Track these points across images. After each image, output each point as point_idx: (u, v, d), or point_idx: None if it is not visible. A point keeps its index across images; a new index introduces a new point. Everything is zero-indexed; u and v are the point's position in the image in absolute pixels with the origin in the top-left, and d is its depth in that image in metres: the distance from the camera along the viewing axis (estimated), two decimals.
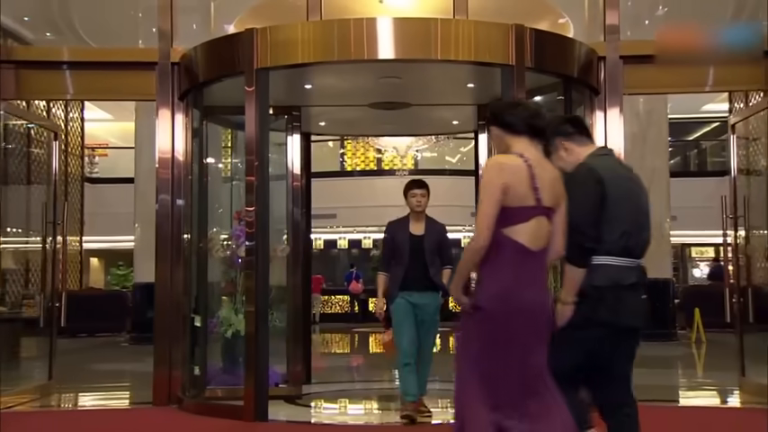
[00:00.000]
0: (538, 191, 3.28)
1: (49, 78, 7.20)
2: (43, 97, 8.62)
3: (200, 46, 6.83)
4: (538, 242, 3.30)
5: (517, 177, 3.28)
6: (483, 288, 3.31)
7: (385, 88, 7.06)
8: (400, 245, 6.47)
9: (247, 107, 6.29)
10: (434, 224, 6.58)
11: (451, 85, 7.09)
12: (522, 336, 3.26)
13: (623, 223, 3.67)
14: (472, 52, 6.37)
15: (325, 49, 6.35)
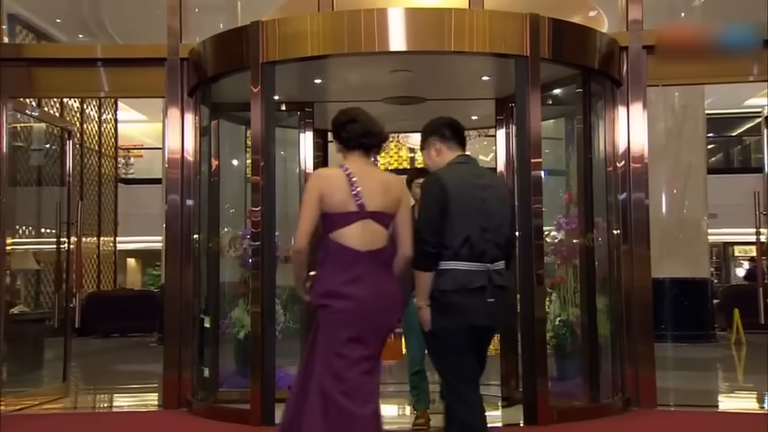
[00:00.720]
0: (358, 197, 3.60)
1: (58, 76, 7.08)
2: (52, 95, 8.51)
3: (208, 40, 6.67)
4: (366, 244, 3.62)
5: (333, 186, 3.63)
6: (314, 287, 3.67)
7: (398, 83, 6.85)
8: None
9: (253, 103, 6.12)
10: None
11: (466, 78, 6.86)
12: (346, 331, 3.57)
13: (466, 229, 3.84)
14: (486, 43, 6.13)
15: (334, 41, 6.13)
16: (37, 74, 7.09)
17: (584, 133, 6.61)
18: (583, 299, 6.55)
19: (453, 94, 7.24)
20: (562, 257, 6.81)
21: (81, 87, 7.25)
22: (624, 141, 6.95)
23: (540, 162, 6.11)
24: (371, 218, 3.64)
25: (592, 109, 6.77)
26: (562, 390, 6.63)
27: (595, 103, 6.85)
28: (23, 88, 7.17)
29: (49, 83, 7.16)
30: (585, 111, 6.61)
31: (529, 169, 6.07)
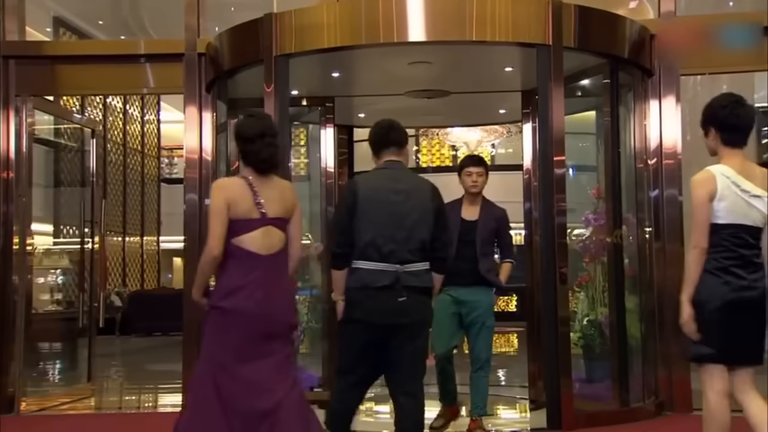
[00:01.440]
0: (260, 205, 3.81)
1: (76, 73, 7.01)
2: (71, 93, 8.48)
3: (223, 33, 6.52)
4: (266, 248, 3.81)
5: (237, 195, 3.80)
6: (215, 290, 3.84)
7: (420, 75, 6.64)
8: (449, 231, 5.25)
9: (266, 98, 5.94)
10: (492, 209, 5.66)
11: (488, 69, 6.62)
12: (237, 332, 3.73)
13: (371, 231, 4.05)
14: (508, 32, 5.91)
15: (352, 31, 5.94)
16: (55, 71, 7.05)
17: (611, 126, 6.34)
18: (611, 297, 6.27)
19: (477, 86, 7.02)
20: (590, 255, 6.55)
21: (98, 84, 7.16)
22: (656, 135, 6.63)
23: (563, 159, 5.85)
24: (272, 224, 3.87)
25: (620, 101, 6.49)
26: (591, 392, 6.38)
27: (624, 95, 6.57)
28: (42, 86, 7.13)
29: (68, 80, 7.10)
30: (613, 102, 6.34)
31: (551, 166, 5.81)
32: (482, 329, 5.54)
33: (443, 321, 5.46)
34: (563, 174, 5.85)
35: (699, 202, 3.73)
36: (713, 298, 3.70)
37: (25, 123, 6.92)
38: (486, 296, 5.58)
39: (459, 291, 5.48)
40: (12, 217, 6.86)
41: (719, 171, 3.75)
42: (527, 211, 7.20)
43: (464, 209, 5.64)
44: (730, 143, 3.82)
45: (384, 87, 6.95)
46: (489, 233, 5.58)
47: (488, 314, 5.57)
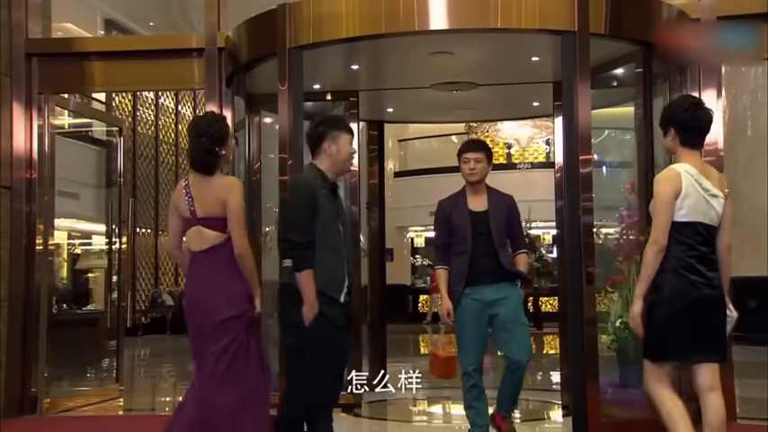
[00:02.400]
0: (191, 205, 4.16)
1: (100, 70, 6.92)
2: (94, 90, 8.42)
3: (241, 25, 6.33)
4: (199, 245, 4.16)
5: (177, 196, 4.24)
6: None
7: (446, 67, 6.41)
8: (459, 227, 5.08)
9: (279, 93, 5.73)
10: (499, 196, 5.21)
11: (513, 58, 6.32)
12: (189, 325, 4.19)
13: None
14: (531, 18, 5.55)
15: (371, 21, 5.66)
16: (77, 68, 6.95)
17: (644, 119, 5.98)
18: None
19: (506, 77, 6.74)
20: (624, 253, 6.21)
21: (121, 81, 7.05)
22: None
23: (589, 155, 5.47)
24: (201, 223, 4.15)
25: (655, 92, 6.12)
26: (624, 398, 6.04)
27: (659, 85, 6.20)
28: (65, 84, 7.08)
29: (91, 77, 6.99)
30: (646, 93, 5.99)
31: (576, 162, 5.45)
32: (517, 328, 5.04)
33: (470, 330, 5.04)
34: (589, 171, 5.49)
35: (664, 199, 3.81)
36: (679, 297, 3.79)
37: (47, 122, 6.87)
38: (514, 291, 5.10)
39: (485, 291, 5.02)
40: (35, 217, 6.80)
41: (684, 169, 3.85)
42: (558, 209, 6.88)
43: (470, 200, 5.16)
44: (689, 144, 3.95)
45: (409, 80, 6.72)
46: (503, 222, 5.12)
47: (520, 310, 5.12)
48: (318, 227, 4.15)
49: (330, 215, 4.21)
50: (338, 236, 4.27)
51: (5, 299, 6.63)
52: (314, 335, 4.09)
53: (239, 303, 4.11)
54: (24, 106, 6.79)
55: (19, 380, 6.67)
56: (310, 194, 4.16)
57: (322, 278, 4.12)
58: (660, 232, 3.82)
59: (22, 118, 6.78)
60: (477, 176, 5.12)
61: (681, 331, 3.81)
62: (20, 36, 6.79)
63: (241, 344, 4.07)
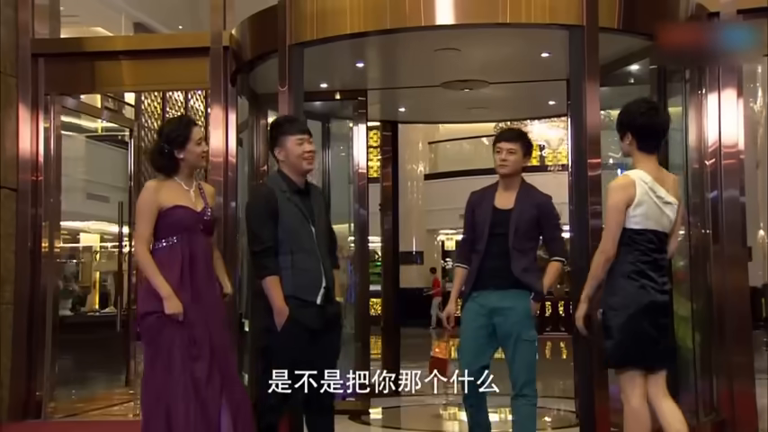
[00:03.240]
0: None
1: (107, 70, 6.83)
2: (102, 90, 8.35)
3: (244, 21, 6.20)
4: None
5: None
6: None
7: (455, 65, 6.23)
8: (479, 224, 4.58)
9: (279, 92, 5.58)
10: (532, 195, 4.58)
11: (522, 55, 6.12)
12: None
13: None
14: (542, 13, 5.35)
15: (375, 16, 5.48)
16: (85, 68, 6.87)
17: None
18: None
19: (516, 75, 6.54)
20: None
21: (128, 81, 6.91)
22: (714, 131, 5.85)
23: (598, 156, 5.26)
24: None
25: (671, 90, 5.88)
26: None
27: (674, 82, 5.95)
28: (72, 84, 6.99)
29: (97, 77, 6.91)
30: (660, 92, 5.77)
31: (585, 164, 5.23)
32: (518, 344, 4.48)
33: (468, 335, 4.59)
34: (598, 173, 5.26)
35: (617, 208, 3.80)
36: (631, 303, 3.77)
37: (53, 123, 6.80)
38: (522, 302, 4.49)
39: (490, 296, 4.52)
40: (41, 220, 6.73)
41: (639, 177, 3.82)
42: (572, 212, 6.63)
43: (498, 195, 4.60)
44: (646, 149, 3.89)
45: (417, 78, 6.58)
46: (528, 224, 4.51)
47: (525, 325, 4.49)
48: (284, 231, 4.10)
49: (296, 217, 4.15)
50: (310, 237, 4.17)
51: (10, 301, 6.56)
52: (284, 339, 4.05)
53: (146, 301, 4.02)
54: (30, 107, 6.72)
55: (24, 383, 6.59)
56: (265, 201, 4.15)
57: (294, 282, 4.09)
58: (609, 242, 3.82)
59: (28, 119, 6.71)
60: (509, 169, 4.55)
61: (637, 337, 3.80)
62: (26, 36, 6.72)
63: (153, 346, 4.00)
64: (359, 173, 7.04)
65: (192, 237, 4.10)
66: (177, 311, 3.94)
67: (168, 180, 4.14)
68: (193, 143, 4.13)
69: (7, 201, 6.58)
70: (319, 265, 4.17)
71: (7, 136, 6.61)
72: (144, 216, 4.05)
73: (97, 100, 12.38)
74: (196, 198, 4.18)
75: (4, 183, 6.54)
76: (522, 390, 4.46)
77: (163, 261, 4.02)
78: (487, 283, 4.53)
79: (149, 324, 4.00)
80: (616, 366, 3.89)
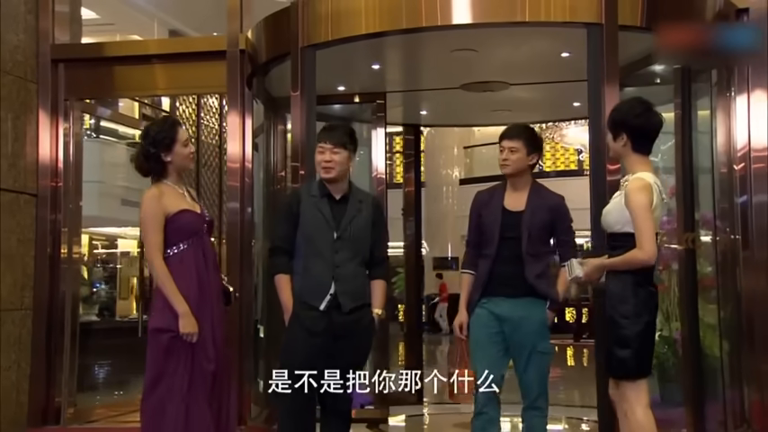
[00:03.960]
0: None
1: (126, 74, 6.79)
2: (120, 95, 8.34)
3: (260, 23, 6.12)
4: None
5: None
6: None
7: (472, 66, 6.10)
8: (488, 226, 4.32)
9: (292, 96, 5.50)
10: (544, 195, 4.34)
11: (541, 55, 5.95)
12: None
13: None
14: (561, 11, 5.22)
15: (392, 15, 5.36)
16: (104, 73, 6.83)
17: (682, 120, 5.56)
18: (683, 309, 5.49)
19: (537, 76, 6.39)
20: (663, 262, 5.78)
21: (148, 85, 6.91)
22: (743, 134, 5.60)
23: (617, 165, 5.00)
24: None
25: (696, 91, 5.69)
26: (664, 418, 5.59)
27: (699, 83, 5.75)
28: (92, 89, 6.98)
29: (117, 82, 6.90)
30: (684, 92, 5.57)
31: (603, 169, 5.06)
32: (532, 356, 4.23)
33: (479, 344, 4.30)
34: (617, 178, 5.03)
35: (647, 208, 3.64)
36: (644, 310, 3.69)
37: (73, 128, 6.79)
38: (537, 312, 4.24)
39: (500, 304, 4.26)
40: (60, 225, 6.72)
41: (653, 180, 3.73)
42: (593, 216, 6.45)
43: (507, 196, 4.33)
44: (642, 150, 3.79)
45: (436, 80, 6.47)
46: (541, 228, 4.26)
47: (540, 335, 4.25)
48: (300, 235, 4.12)
49: (316, 223, 4.13)
50: (327, 243, 4.11)
51: (30, 307, 6.56)
52: (288, 338, 4.11)
53: (161, 316, 3.89)
54: (50, 113, 6.71)
55: (43, 389, 6.56)
56: (287, 203, 4.27)
57: (302, 284, 4.12)
58: (652, 244, 3.66)
59: (47, 125, 6.70)
60: (511, 168, 4.28)
61: (651, 345, 3.77)
62: (46, 42, 6.72)
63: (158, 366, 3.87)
64: (377, 178, 6.91)
65: (200, 240, 4.03)
66: (192, 331, 3.83)
67: (164, 186, 4.04)
68: (180, 144, 4.03)
69: (27, 206, 6.57)
70: (330, 271, 4.09)
71: (27, 142, 6.62)
72: (152, 225, 3.94)
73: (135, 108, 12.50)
74: (191, 200, 4.12)
75: (23, 188, 6.53)
76: (534, 402, 4.25)
77: (177, 270, 3.91)
78: (498, 290, 4.27)
79: (159, 342, 3.88)
80: (635, 377, 3.72)
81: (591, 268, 3.85)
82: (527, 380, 4.24)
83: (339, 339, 4.09)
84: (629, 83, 5.85)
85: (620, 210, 3.76)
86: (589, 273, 3.85)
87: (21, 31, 6.60)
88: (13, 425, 6.32)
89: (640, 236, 3.63)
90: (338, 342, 4.08)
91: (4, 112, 6.39)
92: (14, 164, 6.47)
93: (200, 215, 4.09)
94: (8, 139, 6.43)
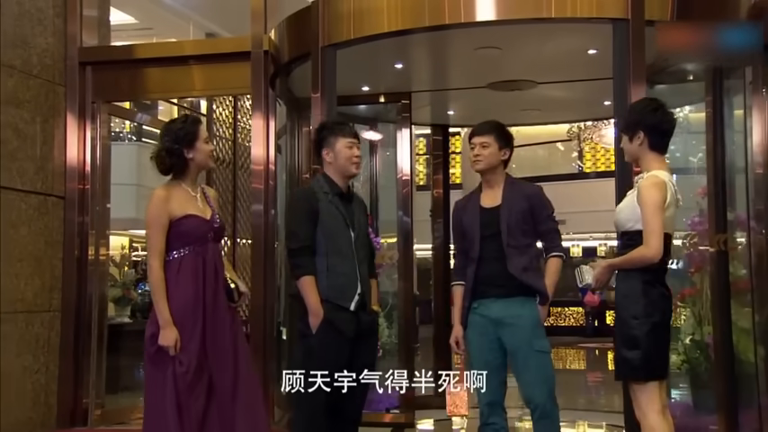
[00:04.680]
0: None
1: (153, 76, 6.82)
2: (148, 97, 8.33)
3: (282, 22, 6.08)
4: None
5: None
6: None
7: (499, 64, 5.98)
8: (468, 228, 4.21)
9: (312, 96, 5.44)
10: (519, 188, 4.21)
11: (568, 53, 5.80)
12: None
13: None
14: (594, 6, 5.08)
15: (414, 13, 5.26)
16: (130, 75, 6.86)
17: (714, 117, 5.38)
18: (715, 313, 5.31)
19: (565, 74, 6.24)
20: (695, 264, 5.61)
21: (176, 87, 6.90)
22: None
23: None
24: None
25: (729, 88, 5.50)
26: (697, 425, 5.45)
27: (731, 79, 5.56)
28: (119, 91, 7.00)
29: (144, 84, 6.92)
30: (715, 89, 5.38)
31: (629, 169, 4.84)
32: (529, 357, 4.04)
33: (477, 353, 4.15)
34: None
35: (659, 206, 3.56)
36: (655, 311, 3.59)
37: (100, 131, 6.81)
38: (528, 309, 4.07)
39: (491, 306, 4.11)
40: (87, 228, 6.75)
41: (668, 178, 3.65)
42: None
43: (483, 196, 4.25)
44: (659, 148, 3.72)
45: (462, 80, 6.36)
46: (519, 218, 4.11)
47: (534, 333, 4.07)
48: (323, 234, 3.99)
49: (336, 221, 4.04)
50: (348, 242, 4.06)
51: (58, 309, 6.59)
52: (318, 341, 3.92)
53: (151, 325, 3.82)
54: (78, 116, 6.74)
55: (71, 391, 6.60)
56: (306, 201, 4.07)
57: (329, 285, 3.97)
58: (659, 242, 3.56)
59: (75, 127, 6.73)
60: (483, 164, 4.20)
61: (662, 346, 3.65)
62: (74, 46, 6.75)
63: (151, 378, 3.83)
64: (402, 179, 6.81)
65: (203, 246, 3.93)
66: (168, 344, 3.74)
67: (176, 187, 3.97)
68: (201, 141, 3.98)
69: (55, 209, 6.61)
70: (356, 270, 4.05)
71: (55, 145, 6.65)
72: (155, 228, 3.86)
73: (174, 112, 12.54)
74: (203, 204, 4.02)
75: (51, 191, 6.57)
76: (542, 409, 4.02)
77: (175, 276, 3.84)
78: (487, 292, 4.12)
79: (147, 351, 3.82)
80: (645, 379, 3.61)
81: (599, 270, 3.76)
82: (529, 384, 4.06)
83: (360, 340, 4.04)
84: (660, 80, 5.69)
85: (633, 207, 3.66)
86: (598, 276, 3.75)
87: (49, 34, 6.64)
88: (42, 427, 6.36)
89: (649, 233, 3.56)
90: (359, 343, 4.03)
91: (33, 115, 6.45)
92: (43, 167, 6.51)
93: (206, 221, 3.97)
94: (36, 142, 6.48)
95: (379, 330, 6.41)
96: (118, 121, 14.12)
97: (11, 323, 6.10)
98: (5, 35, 6.18)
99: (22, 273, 6.22)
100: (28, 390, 6.26)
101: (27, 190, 6.32)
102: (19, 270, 6.19)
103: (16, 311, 6.16)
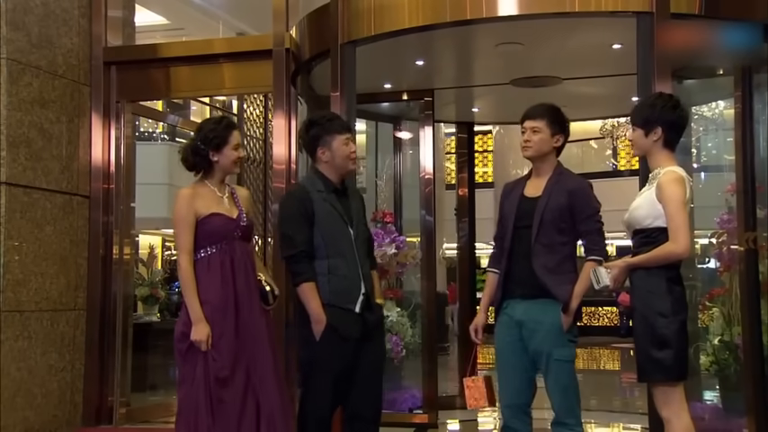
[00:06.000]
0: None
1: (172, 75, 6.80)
2: (172, 96, 8.36)
3: (303, 19, 6.05)
4: None
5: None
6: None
7: (521, 60, 5.90)
8: (504, 217, 3.96)
9: (332, 94, 5.39)
10: (564, 180, 3.88)
11: (592, 48, 5.69)
12: None
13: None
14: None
15: (435, 9, 5.19)
16: (155, 74, 6.87)
17: (743, 113, 5.25)
18: (744, 313, 5.19)
19: (590, 70, 6.13)
20: (724, 263, 5.49)
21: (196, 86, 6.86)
22: None
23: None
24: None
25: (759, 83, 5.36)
26: (725, 428, 5.33)
27: (760, 76, 5.41)
28: (143, 91, 7.01)
29: (168, 83, 6.91)
30: (746, 86, 5.25)
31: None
32: (550, 365, 3.79)
33: (502, 354, 3.94)
34: None
35: (684, 202, 3.49)
36: (681, 308, 3.52)
37: (124, 130, 6.83)
38: (550, 314, 3.77)
39: (516, 307, 3.88)
40: (112, 227, 6.77)
41: (685, 174, 3.59)
42: None
43: (529, 184, 3.97)
44: (671, 145, 3.67)
45: (484, 76, 6.30)
46: (555, 213, 3.78)
47: (556, 342, 3.78)
48: (321, 236, 3.88)
49: (334, 220, 3.93)
50: (348, 240, 3.95)
51: (83, 307, 6.62)
52: (322, 349, 3.84)
53: (182, 322, 3.88)
54: (102, 115, 6.76)
55: (96, 389, 6.62)
56: (299, 203, 3.91)
57: (331, 290, 3.86)
58: (687, 239, 3.46)
59: (99, 127, 6.75)
60: (532, 151, 3.91)
61: (687, 345, 3.56)
62: (99, 46, 6.77)
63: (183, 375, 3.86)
64: (425, 178, 6.73)
65: (230, 245, 3.93)
66: (200, 339, 3.77)
67: (201, 187, 4.00)
68: (230, 147, 3.97)
69: (80, 208, 6.64)
70: (358, 270, 3.95)
71: (80, 144, 6.68)
72: (182, 226, 3.89)
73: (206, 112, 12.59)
74: (230, 204, 4.02)
75: (76, 190, 6.59)
76: (561, 417, 3.82)
77: (205, 274, 3.87)
78: (515, 291, 3.87)
79: (178, 349, 3.87)
80: (678, 379, 3.50)
81: (617, 271, 3.61)
82: (550, 392, 3.84)
83: (367, 340, 3.97)
84: (689, 75, 5.58)
85: (651, 203, 3.55)
86: (616, 276, 3.61)
87: (74, 35, 6.66)
88: (67, 424, 6.39)
89: (676, 228, 3.45)
90: (366, 342, 3.96)
91: (59, 114, 6.47)
92: (68, 166, 6.53)
93: (233, 220, 3.98)
94: (62, 141, 6.50)
95: (403, 330, 6.37)
96: (151, 121, 14.25)
97: (37, 321, 6.13)
98: (31, 36, 6.21)
99: (47, 272, 6.25)
100: (54, 388, 6.29)
101: (52, 189, 6.34)
102: (44, 269, 6.22)
103: (42, 310, 6.18)
